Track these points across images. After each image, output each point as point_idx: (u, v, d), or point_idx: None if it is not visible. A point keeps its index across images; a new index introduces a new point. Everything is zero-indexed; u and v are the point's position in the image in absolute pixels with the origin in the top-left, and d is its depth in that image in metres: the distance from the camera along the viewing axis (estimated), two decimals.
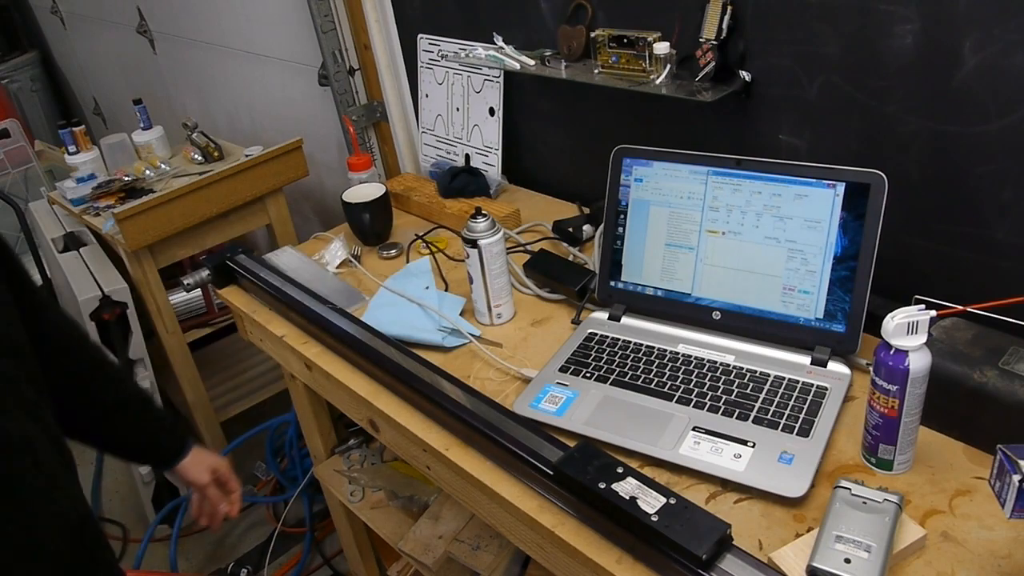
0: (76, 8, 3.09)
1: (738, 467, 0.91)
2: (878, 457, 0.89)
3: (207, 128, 2.10)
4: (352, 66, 1.88)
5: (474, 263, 1.21)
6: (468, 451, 1.02)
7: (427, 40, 1.68)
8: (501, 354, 1.19)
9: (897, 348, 0.82)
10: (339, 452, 1.71)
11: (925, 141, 1.03)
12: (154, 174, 1.99)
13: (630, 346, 1.13)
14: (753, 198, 1.07)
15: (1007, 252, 1.01)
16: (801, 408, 0.98)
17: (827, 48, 1.07)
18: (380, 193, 1.54)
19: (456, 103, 1.67)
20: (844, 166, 1.01)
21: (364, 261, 1.51)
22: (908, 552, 0.79)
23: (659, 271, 1.16)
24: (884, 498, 0.80)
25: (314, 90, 2.00)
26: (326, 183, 2.24)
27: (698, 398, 1.02)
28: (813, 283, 1.04)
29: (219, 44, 2.36)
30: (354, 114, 1.90)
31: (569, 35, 1.36)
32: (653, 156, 1.15)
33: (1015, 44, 0.90)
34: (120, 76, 3.06)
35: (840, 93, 1.08)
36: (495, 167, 1.63)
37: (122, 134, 2.14)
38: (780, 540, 0.83)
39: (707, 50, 1.16)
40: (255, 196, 1.98)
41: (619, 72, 1.27)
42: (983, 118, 0.96)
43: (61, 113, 3.59)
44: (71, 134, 2.00)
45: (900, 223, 1.04)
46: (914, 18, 0.97)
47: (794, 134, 1.17)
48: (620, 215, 1.18)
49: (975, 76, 0.95)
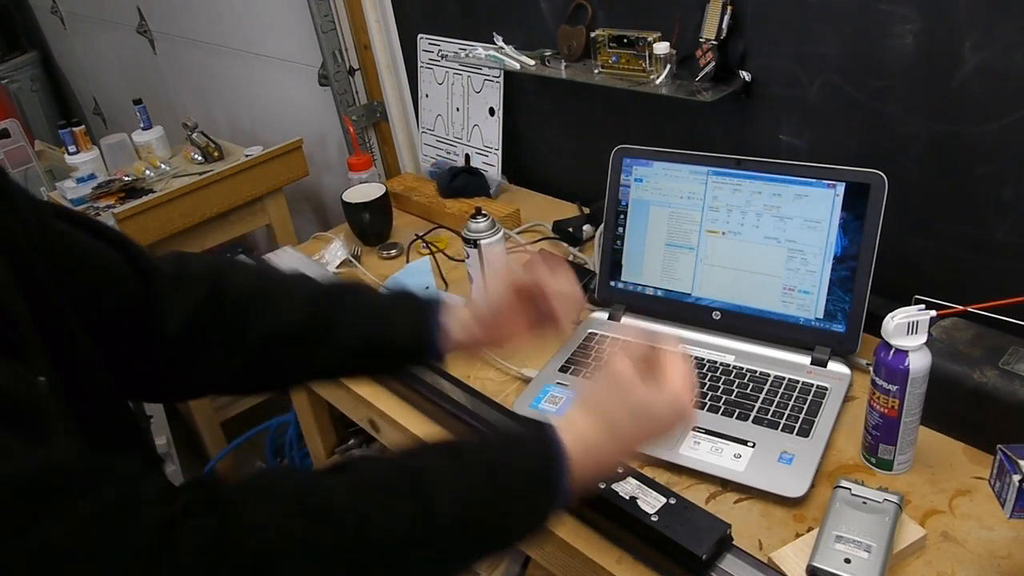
0: (76, 8, 3.09)
1: (738, 467, 0.91)
2: (878, 457, 0.89)
3: (207, 128, 2.10)
4: (352, 66, 1.88)
5: (474, 263, 1.21)
6: None
7: (427, 40, 1.68)
8: (501, 354, 1.18)
9: (897, 348, 0.82)
10: (339, 452, 1.71)
11: (925, 141, 1.03)
12: (154, 174, 1.98)
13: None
14: (753, 198, 1.07)
15: (1007, 252, 1.01)
16: (801, 408, 0.98)
17: (827, 48, 1.07)
18: (380, 193, 1.54)
19: (456, 103, 1.67)
20: (844, 166, 1.01)
21: (364, 261, 1.51)
22: (908, 552, 0.79)
23: (659, 271, 1.16)
24: (884, 498, 0.80)
25: (314, 90, 2.00)
26: (326, 183, 2.24)
27: (698, 398, 1.02)
28: (813, 283, 1.04)
29: (219, 44, 2.36)
30: (354, 114, 1.90)
31: (569, 35, 1.36)
32: (653, 156, 1.15)
33: (1015, 44, 0.90)
34: (120, 76, 3.06)
35: (840, 93, 1.08)
36: (495, 167, 1.63)
37: (122, 134, 2.14)
38: (780, 540, 0.83)
39: (707, 50, 1.16)
40: (255, 196, 1.98)
41: (619, 72, 1.27)
42: (983, 118, 0.96)
43: (61, 113, 3.59)
44: (71, 134, 1.99)
45: (900, 223, 1.04)
46: (914, 18, 0.97)
47: (794, 134, 1.17)
48: (620, 215, 1.18)
49: (975, 76, 0.95)
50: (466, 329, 0.83)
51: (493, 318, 0.83)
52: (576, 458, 0.65)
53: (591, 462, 0.66)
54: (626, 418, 0.67)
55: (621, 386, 0.68)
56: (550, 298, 0.82)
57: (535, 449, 0.66)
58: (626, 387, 0.68)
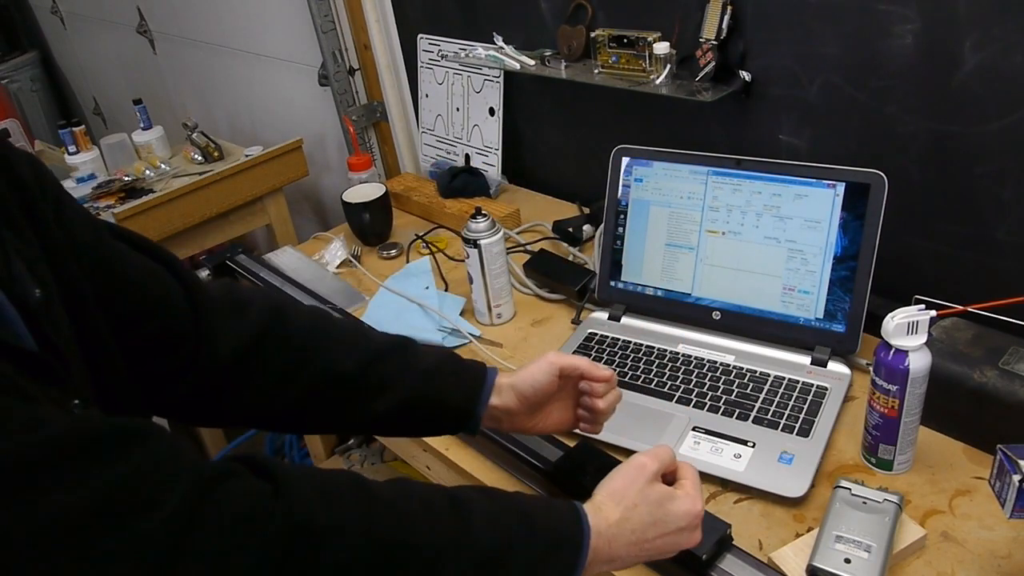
0: (76, 8, 3.09)
1: (738, 467, 0.91)
2: (878, 457, 0.89)
3: (207, 128, 2.10)
4: (352, 66, 1.88)
5: (474, 263, 1.21)
6: (468, 451, 1.02)
7: (427, 40, 1.68)
8: (501, 354, 1.19)
9: (897, 348, 0.82)
10: (339, 452, 1.71)
11: (925, 141, 1.03)
12: (154, 174, 1.98)
13: (630, 346, 1.13)
14: (753, 198, 1.07)
15: (1007, 252, 1.01)
16: (801, 408, 0.98)
17: (827, 48, 1.07)
18: (380, 193, 1.54)
19: (456, 103, 1.67)
20: (844, 166, 1.01)
21: (364, 261, 1.51)
22: (908, 552, 0.79)
23: (659, 271, 1.16)
24: (884, 498, 0.80)
25: (314, 90, 2.00)
26: (326, 183, 2.24)
27: (698, 398, 1.02)
28: (813, 283, 1.04)
29: (219, 44, 2.36)
30: (354, 114, 1.90)
31: (569, 35, 1.36)
32: (653, 156, 1.15)
33: (1015, 44, 0.90)
34: (120, 76, 3.06)
35: (840, 93, 1.08)
36: (495, 167, 1.63)
37: (122, 134, 2.14)
38: (780, 540, 0.83)
39: (707, 50, 1.16)
40: (255, 196, 1.98)
41: (619, 72, 1.27)
42: (983, 118, 0.96)
43: (61, 113, 3.58)
44: (71, 134, 1.99)
45: (900, 223, 1.04)
46: (914, 18, 0.97)
47: (794, 134, 1.17)
48: (620, 215, 1.18)
49: (975, 76, 0.95)
50: (506, 404, 0.83)
51: (534, 395, 0.83)
52: (595, 537, 0.67)
53: (604, 543, 0.67)
54: (643, 509, 0.69)
55: (644, 477, 0.71)
56: (591, 385, 0.84)
57: (565, 511, 0.68)
58: (648, 479, 0.71)
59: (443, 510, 0.62)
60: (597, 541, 0.66)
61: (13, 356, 0.51)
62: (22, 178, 0.61)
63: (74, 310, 0.61)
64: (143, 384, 0.70)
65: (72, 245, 0.64)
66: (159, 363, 0.73)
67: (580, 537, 0.66)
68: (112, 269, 0.69)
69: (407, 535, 0.59)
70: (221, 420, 0.82)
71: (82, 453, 0.48)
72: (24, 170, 0.62)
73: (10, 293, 0.54)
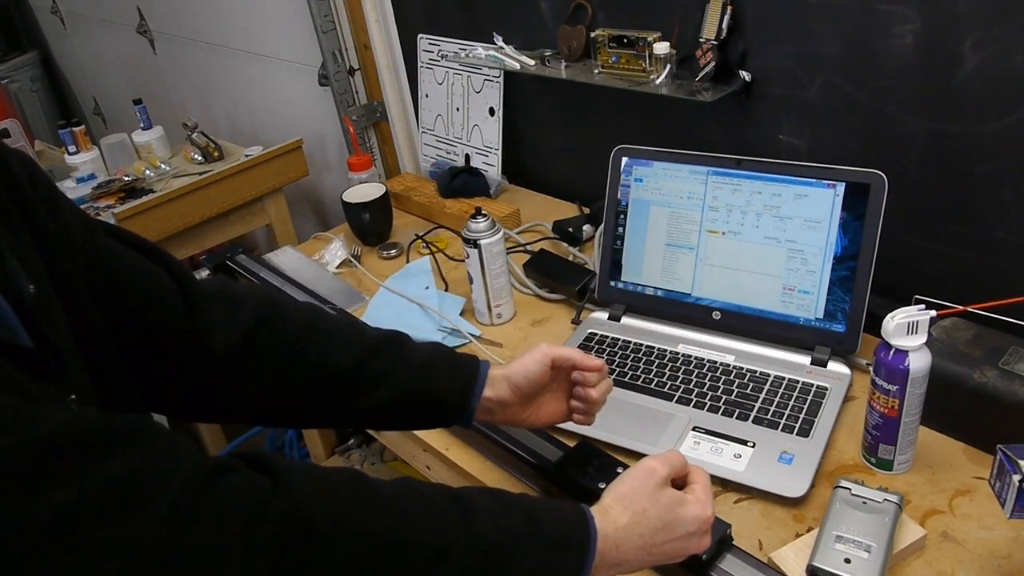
0: (76, 8, 3.09)
1: (738, 467, 0.91)
2: (878, 457, 0.89)
3: (207, 128, 2.10)
4: (352, 66, 1.88)
5: (474, 263, 1.21)
6: (468, 451, 1.02)
7: (427, 40, 1.68)
8: (501, 354, 1.18)
9: (897, 348, 0.82)
10: (339, 452, 1.71)
11: (925, 141, 1.03)
12: (154, 174, 1.98)
13: (630, 346, 1.13)
14: (753, 198, 1.07)
15: (1007, 252, 1.01)
16: (801, 408, 0.98)
17: (827, 48, 1.07)
18: (380, 193, 1.54)
19: (456, 103, 1.67)
20: (844, 166, 1.01)
21: (364, 261, 1.51)
22: (908, 552, 0.79)
23: (659, 271, 1.16)
24: (884, 498, 0.80)
25: (314, 90, 2.00)
26: (326, 183, 2.24)
27: (698, 398, 1.02)
28: (813, 283, 1.04)
29: (219, 44, 2.36)
30: (354, 114, 1.90)
31: (569, 35, 1.36)
32: (653, 156, 1.15)
33: (1015, 44, 0.90)
34: (120, 76, 3.06)
35: (840, 93, 1.08)
36: (495, 167, 1.63)
37: (122, 134, 2.14)
38: (780, 540, 0.83)
39: (707, 50, 1.16)
40: (255, 196, 1.98)
41: (619, 72, 1.27)
42: (983, 118, 0.96)
43: (61, 113, 3.58)
44: (71, 134, 1.99)
45: (900, 223, 1.04)
46: (914, 18, 0.97)
47: (794, 134, 1.17)
48: (620, 215, 1.18)
49: (975, 76, 0.95)
50: (499, 396, 0.84)
51: (527, 386, 0.83)
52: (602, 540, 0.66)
53: (611, 547, 0.67)
54: (652, 513, 0.69)
55: (654, 481, 0.70)
56: (584, 375, 0.84)
57: (571, 513, 0.67)
58: (658, 483, 0.70)
59: (446, 508, 0.62)
60: (604, 544, 0.66)
61: (8, 352, 0.51)
62: (16, 177, 0.61)
63: (70, 307, 0.61)
64: (140, 382, 0.70)
65: (67, 243, 0.64)
66: (155, 360, 0.73)
67: (586, 540, 0.65)
68: (106, 267, 0.69)
69: (408, 532, 0.59)
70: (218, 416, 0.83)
71: (79, 449, 0.48)
72: (17, 169, 0.62)
73: (4, 289, 0.54)
